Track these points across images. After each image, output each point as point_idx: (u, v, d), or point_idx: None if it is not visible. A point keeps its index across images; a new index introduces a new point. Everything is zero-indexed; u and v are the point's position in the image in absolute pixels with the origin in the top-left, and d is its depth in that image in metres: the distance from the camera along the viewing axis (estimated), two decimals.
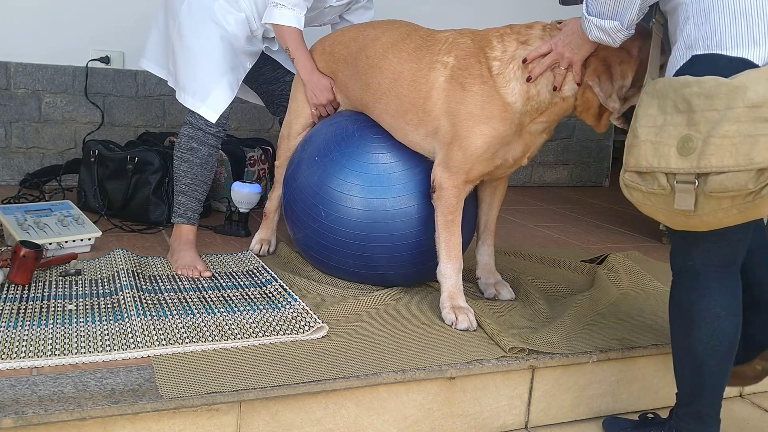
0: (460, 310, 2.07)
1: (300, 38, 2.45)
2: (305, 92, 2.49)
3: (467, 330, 2.02)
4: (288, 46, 2.46)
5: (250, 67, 2.58)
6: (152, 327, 1.86)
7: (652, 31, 1.74)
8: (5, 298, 2.02)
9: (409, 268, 2.26)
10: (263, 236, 2.67)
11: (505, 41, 2.04)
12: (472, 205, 2.29)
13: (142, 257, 2.48)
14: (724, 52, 1.48)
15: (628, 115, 1.88)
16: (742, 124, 1.40)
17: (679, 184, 1.47)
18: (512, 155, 2.10)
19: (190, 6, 2.45)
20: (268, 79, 2.77)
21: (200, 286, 2.24)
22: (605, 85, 1.88)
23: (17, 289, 2.09)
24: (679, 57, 1.56)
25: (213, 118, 2.42)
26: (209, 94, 2.41)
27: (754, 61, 1.46)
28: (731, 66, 1.46)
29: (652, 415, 1.89)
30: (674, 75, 1.55)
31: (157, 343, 1.78)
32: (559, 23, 1.98)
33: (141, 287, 2.15)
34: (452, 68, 2.07)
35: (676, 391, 1.75)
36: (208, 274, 2.34)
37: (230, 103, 2.46)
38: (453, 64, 2.07)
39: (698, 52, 1.52)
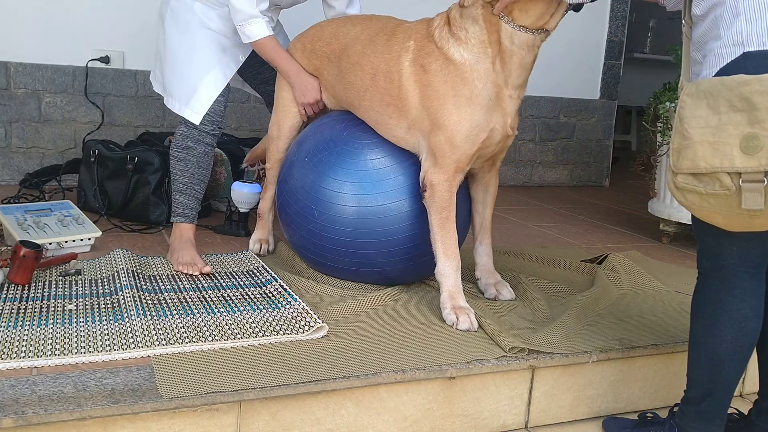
0: (461, 311, 2.07)
1: (274, 44, 2.46)
2: (293, 92, 2.50)
3: (468, 330, 2.02)
4: (267, 55, 2.48)
5: (244, 59, 2.58)
6: (152, 327, 1.86)
7: (683, 33, 1.72)
8: (5, 298, 2.02)
9: (405, 262, 2.27)
10: (260, 236, 2.67)
11: (440, 13, 2.12)
12: (463, 200, 2.28)
13: (141, 257, 2.48)
14: None
15: None
16: None
17: (746, 184, 1.44)
18: (496, 123, 2.07)
19: (173, 12, 2.50)
20: (266, 78, 2.78)
21: (200, 286, 2.24)
22: None
23: (17, 289, 2.09)
24: (725, 54, 1.52)
25: (196, 120, 2.44)
26: (192, 97, 2.45)
27: None
28: None
29: (651, 415, 1.89)
30: (719, 72, 1.52)
31: (157, 342, 1.78)
32: None
33: (141, 287, 2.15)
34: (413, 51, 2.12)
35: (685, 389, 1.75)
36: (208, 269, 2.34)
37: (223, 101, 2.48)
38: (413, 47, 2.13)
39: (751, 49, 1.49)
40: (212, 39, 2.48)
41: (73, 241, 2.48)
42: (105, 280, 2.22)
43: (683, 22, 1.70)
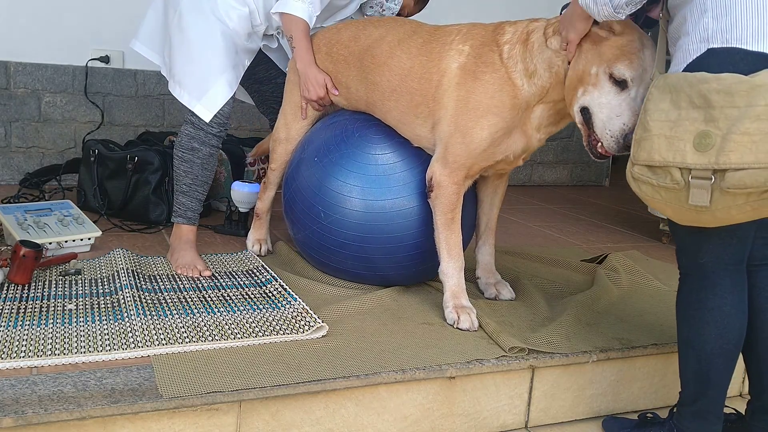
0: (463, 310, 2.07)
1: (306, 30, 2.40)
2: (300, 85, 2.45)
3: (468, 330, 2.03)
4: (292, 34, 2.40)
5: (249, 64, 2.55)
6: (152, 326, 1.86)
7: (659, 25, 1.73)
8: (5, 297, 2.01)
9: (409, 268, 2.26)
10: (258, 236, 2.67)
11: (516, 25, 2.05)
12: (470, 203, 2.29)
13: (141, 257, 2.48)
14: (743, 46, 1.47)
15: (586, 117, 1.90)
16: (763, 121, 1.39)
17: (695, 180, 1.46)
18: (513, 150, 2.09)
19: None
20: (260, 78, 2.76)
21: (200, 285, 2.24)
22: (566, 28, 1.86)
23: (17, 289, 2.09)
24: (692, 50, 1.54)
25: (207, 117, 2.39)
26: (206, 93, 2.38)
27: None
28: (747, 60, 1.46)
29: (651, 415, 1.89)
30: (686, 68, 1.54)
31: (157, 342, 1.78)
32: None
33: (141, 287, 2.15)
34: (467, 56, 2.06)
35: (680, 390, 1.76)
36: (207, 273, 2.34)
37: (231, 103, 2.43)
38: (468, 52, 2.07)
39: (715, 46, 1.50)
40: (230, 36, 2.41)
41: (73, 240, 2.48)
42: (105, 279, 2.22)
43: (660, 14, 1.70)
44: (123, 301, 2.02)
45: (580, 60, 1.86)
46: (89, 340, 1.77)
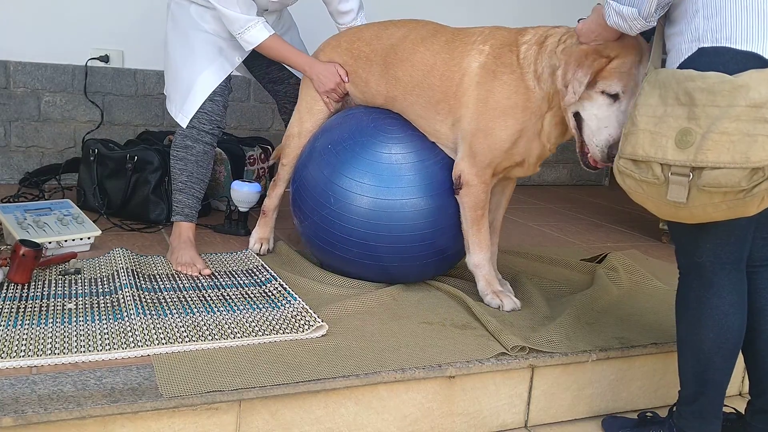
0: (503, 294, 2.20)
1: (275, 41, 2.47)
2: (313, 85, 2.50)
3: (513, 310, 2.16)
4: (276, 55, 2.51)
5: (241, 60, 2.58)
6: (152, 326, 1.86)
7: (656, 23, 1.73)
8: (5, 296, 2.01)
9: (413, 261, 2.27)
10: (262, 235, 2.67)
11: (538, 28, 2.09)
12: None
13: (141, 256, 2.48)
14: (732, 46, 1.48)
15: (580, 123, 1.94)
16: (742, 122, 1.41)
17: (674, 176, 1.49)
18: (532, 154, 2.13)
19: (172, 16, 2.52)
20: (273, 78, 2.79)
21: (200, 285, 2.24)
22: (566, 68, 1.89)
23: (17, 288, 2.09)
24: (684, 49, 1.56)
25: (183, 123, 2.47)
26: (184, 102, 2.47)
27: (764, 56, 1.46)
28: (736, 60, 1.47)
29: (651, 414, 1.89)
30: (678, 67, 1.55)
31: (157, 342, 1.78)
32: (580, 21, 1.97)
33: (140, 286, 2.15)
34: (487, 55, 2.11)
35: (679, 389, 1.76)
36: (207, 272, 2.34)
37: (221, 101, 2.48)
38: (488, 52, 2.12)
39: (705, 45, 1.52)
40: (207, 41, 2.49)
41: (73, 240, 2.48)
42: (104, 279, 2.22)
43: None
44: (123, 300, 2.02)
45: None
46: (89, 340, 1.77)
